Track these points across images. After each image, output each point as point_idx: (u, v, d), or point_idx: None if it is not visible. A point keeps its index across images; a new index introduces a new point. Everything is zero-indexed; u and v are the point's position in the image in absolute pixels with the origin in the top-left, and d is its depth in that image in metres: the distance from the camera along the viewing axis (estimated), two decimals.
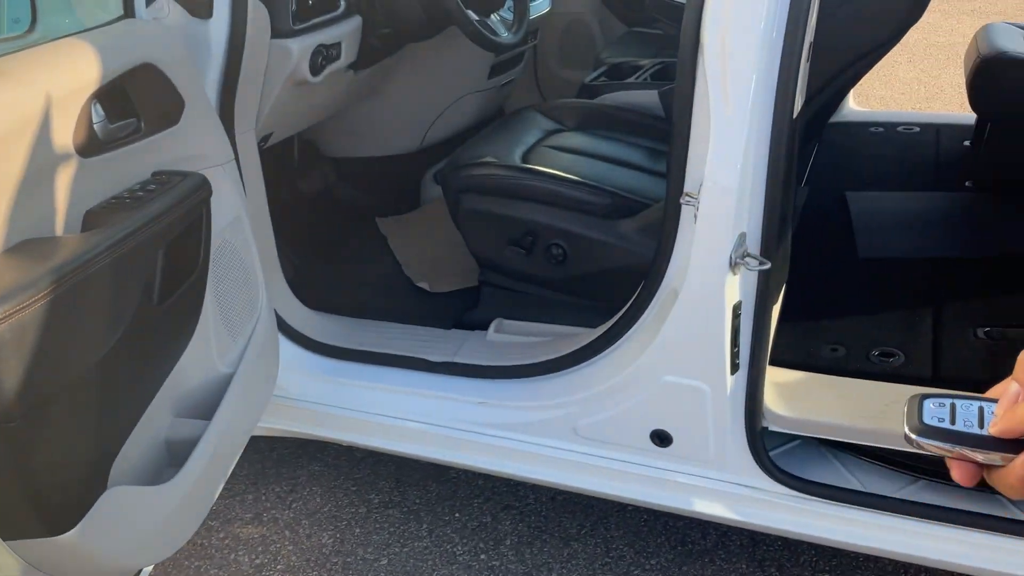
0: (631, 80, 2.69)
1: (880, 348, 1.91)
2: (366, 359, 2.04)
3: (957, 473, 0.66)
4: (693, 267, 1.57)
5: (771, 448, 1.72)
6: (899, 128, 3.13)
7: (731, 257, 1.50)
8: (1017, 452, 0.63)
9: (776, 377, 1.76)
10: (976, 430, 0.65)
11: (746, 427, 1.67)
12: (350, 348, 2.06)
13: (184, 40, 1.66)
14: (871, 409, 1.69)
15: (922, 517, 1.62)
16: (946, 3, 6.52)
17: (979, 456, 0.64)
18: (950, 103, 4.73)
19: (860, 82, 2.48)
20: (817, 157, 2.82)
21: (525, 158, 2.18)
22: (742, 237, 1.51)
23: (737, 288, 1.56)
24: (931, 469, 1.67)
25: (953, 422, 0.65)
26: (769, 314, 1.62)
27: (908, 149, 2.97)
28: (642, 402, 1.74)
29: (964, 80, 2.70)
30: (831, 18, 1.75)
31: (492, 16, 2.47)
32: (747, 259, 1.51)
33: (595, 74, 2.79)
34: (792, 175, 1.55)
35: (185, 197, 1.40)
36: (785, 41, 1.42)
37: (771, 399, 1.71)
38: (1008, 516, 1.57)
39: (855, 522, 1.68)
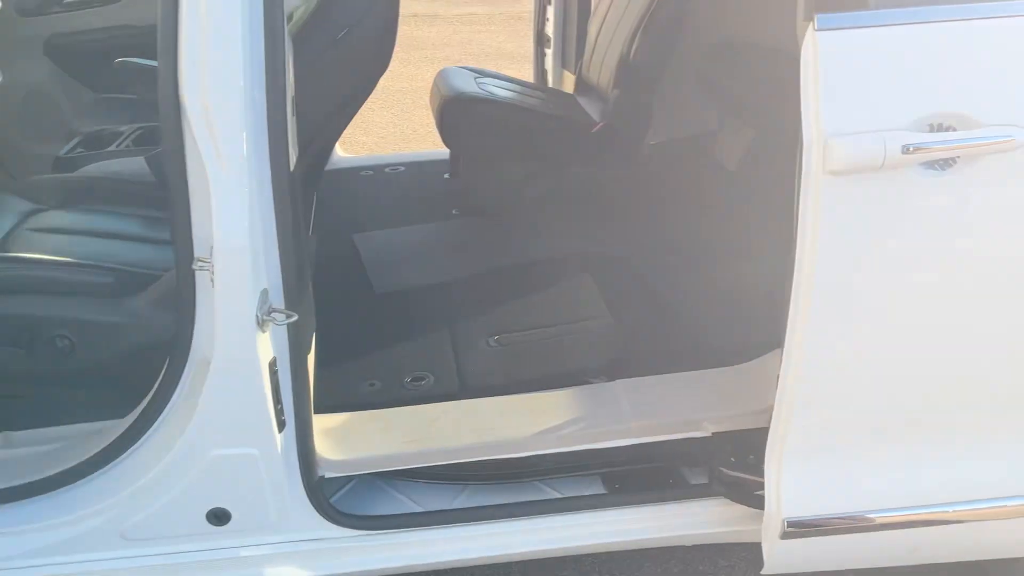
0: (112, 148, 2.54)
1: (411, 374, 2.04)
2: None
3: None
4: (220, 332, 1.51)
5: (331, 495, 1.74)
6: (387, 169, 3.37)
7: (257, 315, 1.48)
8: None
9: (324, 424, 1.78)
10: None
11: (303, 481, 1.66)
12: None
13: None
14: (414, 432, 1.80)
15: (479, 520, 1.75)
16: (401, 51, 7.16)
17: None
18: (424, 141, 5.22)
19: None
20: (318, 206, 2.92)
21: (3, 246, 1.94)
22: (265, 293, 1.50)
23: (270, 345, 1.54)
24: (473, 475, 1.81)
25: None
26: (305, 364, 1.64)
27: (398, 188, 3.23)
28: (192, 484, 1.63)
29: (433, 120, 3.01)
30: (308, 73, 1.82)
31: None
32: (273, 314, 1.50)
33: (70, 145, 2.59)
34: (300, 226, 1.58)
35: None
36: (268, 97, 1.44)
37: (322, 447, 1.72)
38: (544, 497, 1.77)
39: (423, 543, 1.76)
